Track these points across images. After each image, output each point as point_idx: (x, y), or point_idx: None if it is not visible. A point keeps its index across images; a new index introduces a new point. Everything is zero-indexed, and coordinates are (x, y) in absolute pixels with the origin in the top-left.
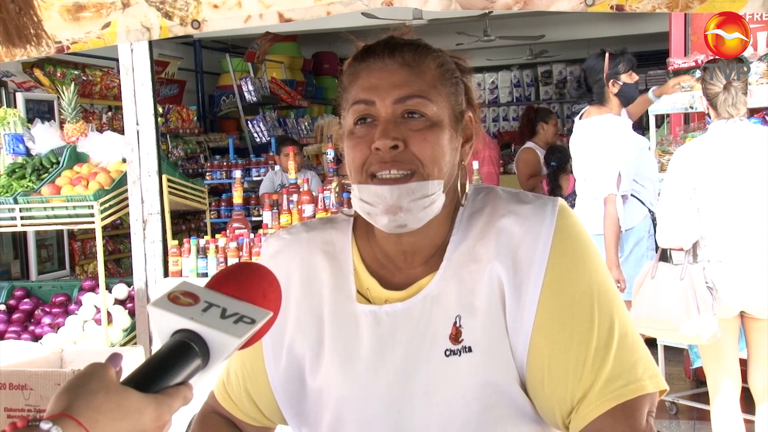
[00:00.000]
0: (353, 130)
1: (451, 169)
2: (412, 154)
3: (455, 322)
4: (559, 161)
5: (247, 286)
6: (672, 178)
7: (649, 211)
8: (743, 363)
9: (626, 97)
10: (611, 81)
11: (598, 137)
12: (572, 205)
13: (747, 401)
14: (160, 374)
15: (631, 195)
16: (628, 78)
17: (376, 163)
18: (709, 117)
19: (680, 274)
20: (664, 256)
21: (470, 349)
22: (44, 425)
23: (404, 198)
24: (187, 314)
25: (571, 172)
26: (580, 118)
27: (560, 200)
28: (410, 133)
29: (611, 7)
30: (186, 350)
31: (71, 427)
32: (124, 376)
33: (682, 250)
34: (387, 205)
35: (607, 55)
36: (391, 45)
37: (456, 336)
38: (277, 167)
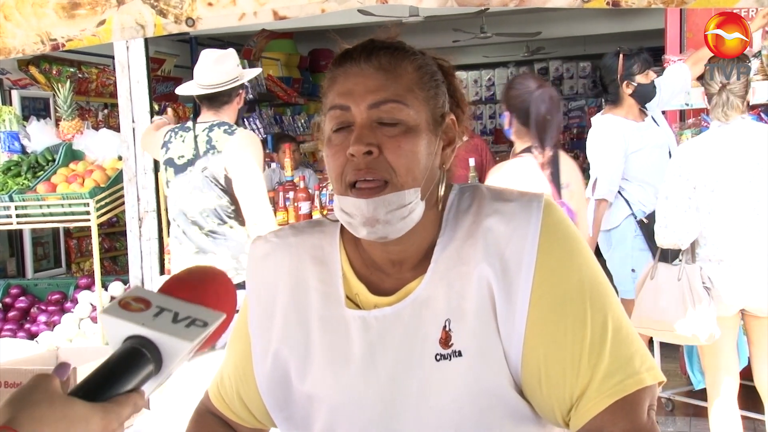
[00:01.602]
0: (331, 137)
1: (429, 174)
2: (386, 162)
3: (445, 326)
4: None
5: (201, 288)
6: (671, 177)
7: (633, 213)
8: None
9: (642, 97)
10: (625, 82)
11: (589, 140)
12: None
13: (744, 398)
14: (109, 382)
15: (619, 194)
16: (644, 78)
17: (352, 171)
18: (708, 115)
19: (678, 274)
20: (664, 256)
21: (460, 354)
22: None
23: (380, 210)
24: (138, 320)
25: None
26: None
27: (545, 195)
28: (385, 139)
29: (607, 3)
30: (137, 356)
31: None
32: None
33: (679, 249)
34: (364, 217)
35: (621, 56)
36: (368, 49)
37: (446, 340)
38: (273, 164)
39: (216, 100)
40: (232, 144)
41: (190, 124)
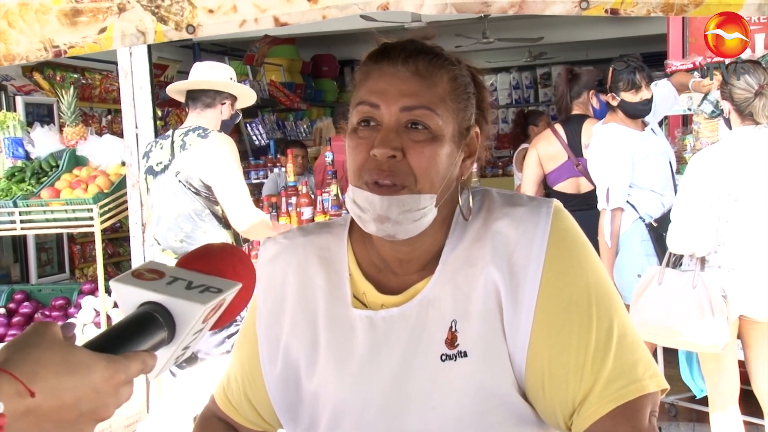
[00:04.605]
0: (357, 129)
1: (447, 182)
2: (408, 166)
3: (451, 327)
4: None
5: (216, 262)
6: (692, 184)
7: (641, 217)
8: (741, 365)
9: (628, 113)
10: (611, 95)
11: (594, 149)
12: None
13: (744, 403)
14: (117, 340)
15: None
16: (631, 96)
17: (373, 169)
18: (726, 122)
19: (692, 281)
20: (668, 261)
21: (465, 354)
22: None
23: (393, 209)
24: (151, 287)
25: None
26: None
27: (555, 201)
28: (410, 143)
29: (606, 11)
30: (148, 320)
31: (4, 381)
32: None
33: (693, 256)
34: (376, 213)
35: (610, 69)
36: (408, 50)
37: (452, 341)
38: (276, 170)
39: (199, 100)
40: (205, 148)
41: (170, 132)
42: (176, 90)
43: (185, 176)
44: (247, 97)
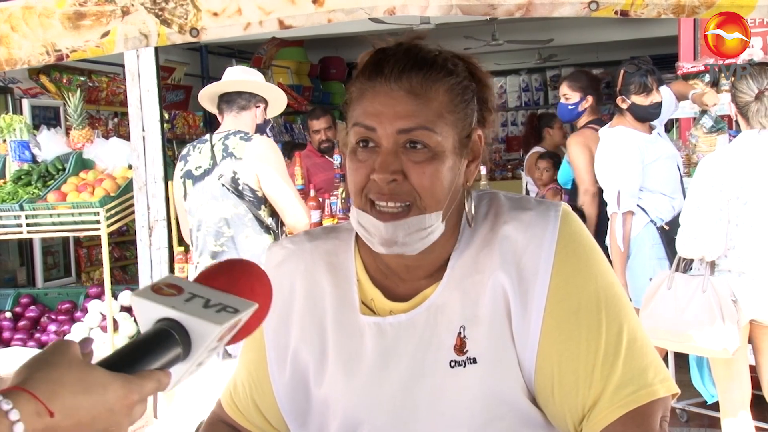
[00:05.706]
0: (355, 150)
1: (452, 194)
2: (410, 186)
3: (459, 333)
4: None
5: (235, 279)
6: (700, 188)
7: (652, 221)
8: (752, 370)
9: (638, 116)
10: (621, 97)
11: (602, 152)
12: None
13: (756, 408)
14: (133, 358)
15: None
16: (642, 99)
17: (375, 192)
18: (735, 124)
19: (702, 286)
20: (678, 265)
21: (474, 360)
22: None
23: (400, 233)
24: (169, 303)
25: None
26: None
27: (563, 205)
28: (410, 164)
29: (616, 12)
30: (165, 337)
31: (24, 401)
32: None
33: (702, 260)
34: (383, 238)
35: (621, 71)
36: (401, 64)
37: (461, 347)
38: None
39: (234, 103)
40: (251, 151)
41: (207, 136)
42: (209, 94)
43: (229, 179)
44: (278, 102)
